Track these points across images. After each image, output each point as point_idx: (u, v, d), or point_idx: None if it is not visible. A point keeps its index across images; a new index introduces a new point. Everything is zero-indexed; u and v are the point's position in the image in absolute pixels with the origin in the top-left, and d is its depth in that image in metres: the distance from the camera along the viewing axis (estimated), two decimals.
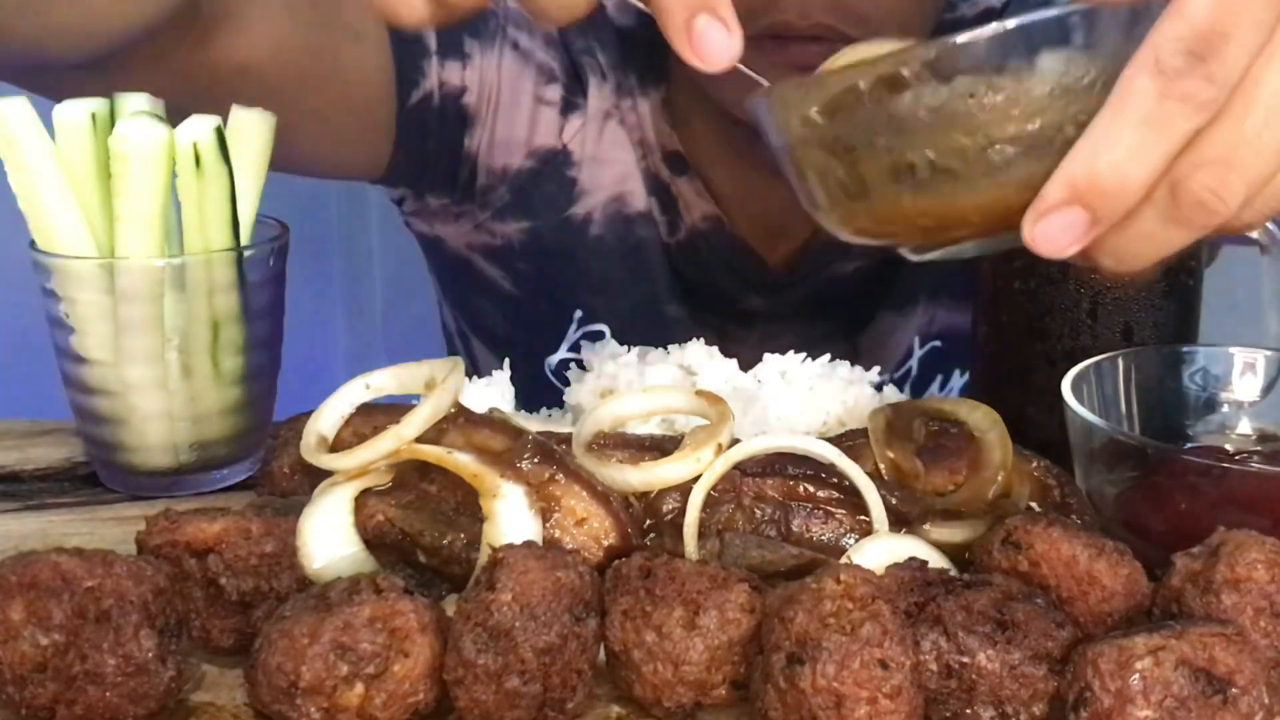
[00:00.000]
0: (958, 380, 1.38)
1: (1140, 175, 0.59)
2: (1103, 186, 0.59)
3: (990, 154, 0.61)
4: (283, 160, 0.96)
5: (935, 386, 1.38)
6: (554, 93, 1.28)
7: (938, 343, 1.37)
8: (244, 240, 0.92)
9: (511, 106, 1.27)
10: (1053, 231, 0.60)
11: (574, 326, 1.35)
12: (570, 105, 1.29)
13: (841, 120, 0.63)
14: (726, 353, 0.99)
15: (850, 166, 0.64)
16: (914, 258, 0.69)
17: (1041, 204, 0.60)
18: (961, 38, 0.60)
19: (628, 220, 1.31)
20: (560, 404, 1.00)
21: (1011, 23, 0.59)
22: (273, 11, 1.07)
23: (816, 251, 1.32)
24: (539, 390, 1.26)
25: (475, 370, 1.40)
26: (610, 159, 1.30)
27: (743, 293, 1.34)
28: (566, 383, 1.01)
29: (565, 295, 1.34)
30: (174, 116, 0.89)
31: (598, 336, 1.33)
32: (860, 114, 0.62)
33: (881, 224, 0.66)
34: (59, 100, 0.90)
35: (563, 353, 1.35)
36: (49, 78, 0.99)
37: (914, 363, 1.37)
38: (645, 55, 1.29)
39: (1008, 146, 0.61)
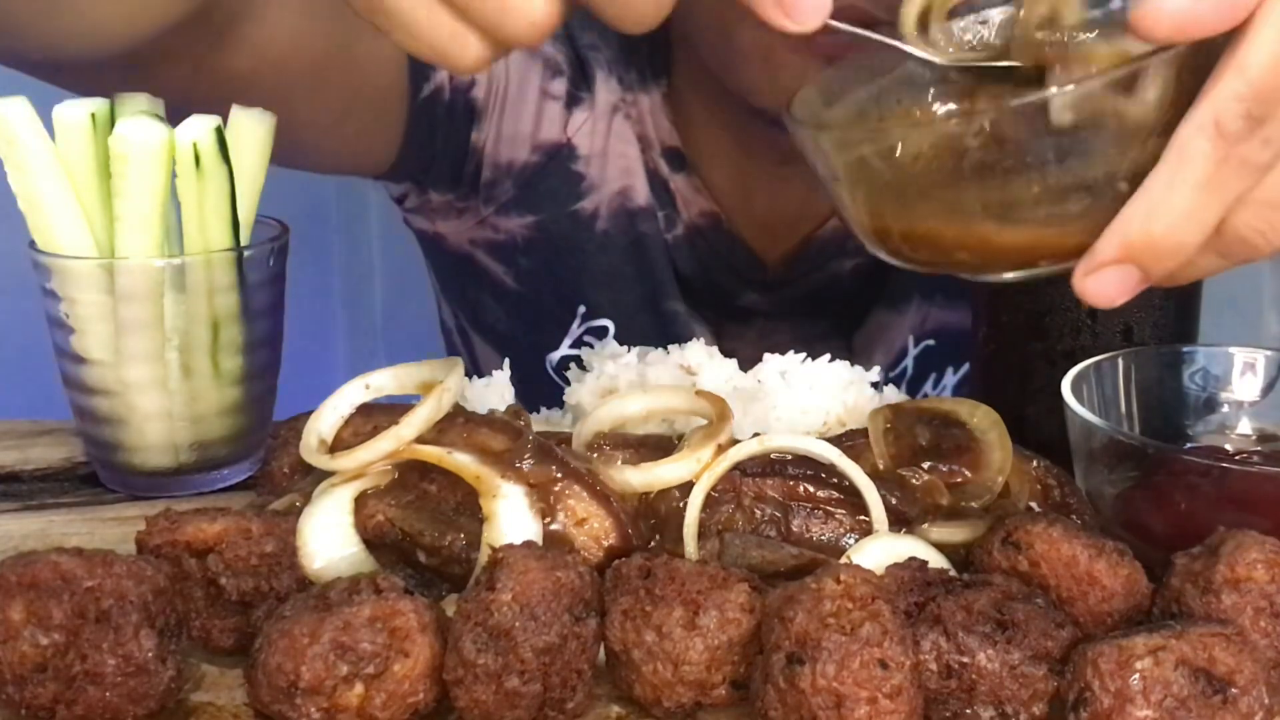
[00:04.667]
0: (950, 378, 1.38)
1: (1195, 238, 0.60)
2: (1158, 248, 0.60)
3: (1043, 201, 0.62)
4: (295, 155, 0.95)
5: (929, 385, 1.38)
6: (559, 87, 1.28)
7: (931, 341, 1.37)
8: (244, 240, 0.92)
9: (518, 100, 1.27)
10: (1105, 286, 0.62)
11: (577, 322, 1.35)
12: (575, 99, 1.29)
13: (901, 164, 0.64)
14: (723, 349, 0.99)
15: (903, 207, 0.66)
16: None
17: (1094, 259, 0.62)
18: (1032, 97, 0.60)
19: (631, 215, 1.31)
20: (560, 402, 1.00)
21: (1071, 86, 0.59)
22: (289, 4, 1.07)
23: (814, 250, 1.32)
24: (540, 387, 1.26)
25: (476, 368, 1.40)
26: (617, 154, 1.30)
27: (740, 290, 1.34)
28: (568, 380, 1.01)
29: (569, 290, 1.34)
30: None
31: (601, 332, 1.33)
32: (921, 164, 0.63)
33: (926, 253, 0.68)
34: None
35: (565, 349, 1.35)
36: (69, 74, 0.99)
37: (909, 362, 1.37)
38: (647, 51, 1.29)
39: (1064, 195, 0.62)
